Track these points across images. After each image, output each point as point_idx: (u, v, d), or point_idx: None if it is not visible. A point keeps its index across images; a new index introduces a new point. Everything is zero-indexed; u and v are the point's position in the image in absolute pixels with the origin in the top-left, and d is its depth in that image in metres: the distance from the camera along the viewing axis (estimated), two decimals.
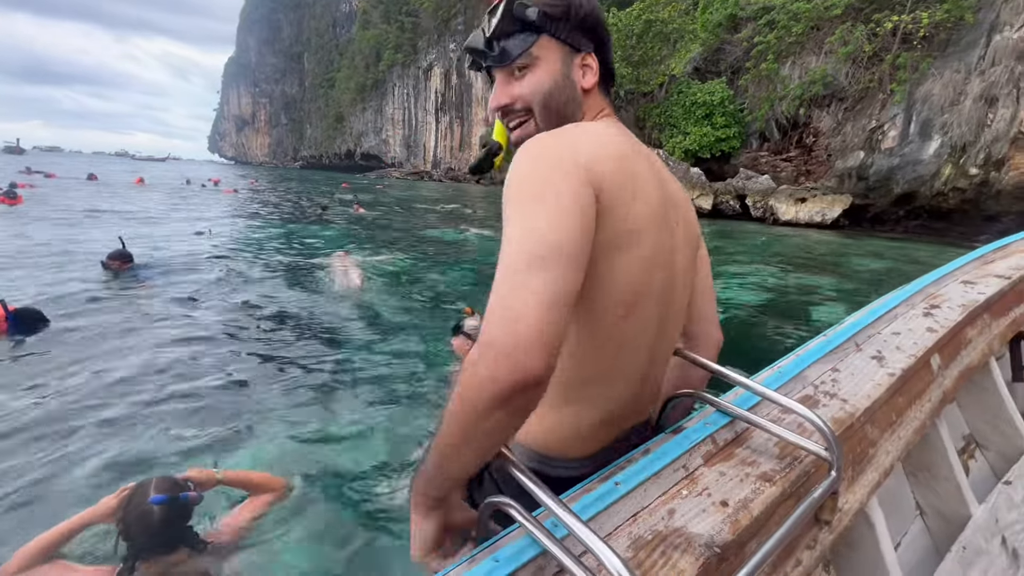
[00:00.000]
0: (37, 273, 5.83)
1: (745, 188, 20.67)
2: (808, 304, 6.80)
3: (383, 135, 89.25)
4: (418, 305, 5.81)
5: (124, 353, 3.81)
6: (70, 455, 2.58)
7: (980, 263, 1.77)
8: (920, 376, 1.09)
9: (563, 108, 0.78)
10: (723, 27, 23.69)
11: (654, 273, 0.72)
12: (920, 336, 1.18)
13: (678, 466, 0.74)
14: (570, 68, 0.78)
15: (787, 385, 0.97)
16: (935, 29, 16.96)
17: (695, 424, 0.84)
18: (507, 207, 0.62)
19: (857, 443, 0.89)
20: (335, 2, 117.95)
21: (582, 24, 0.77)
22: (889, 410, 0.98)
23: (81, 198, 15.78)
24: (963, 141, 15.94)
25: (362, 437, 2.89)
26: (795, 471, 0.73)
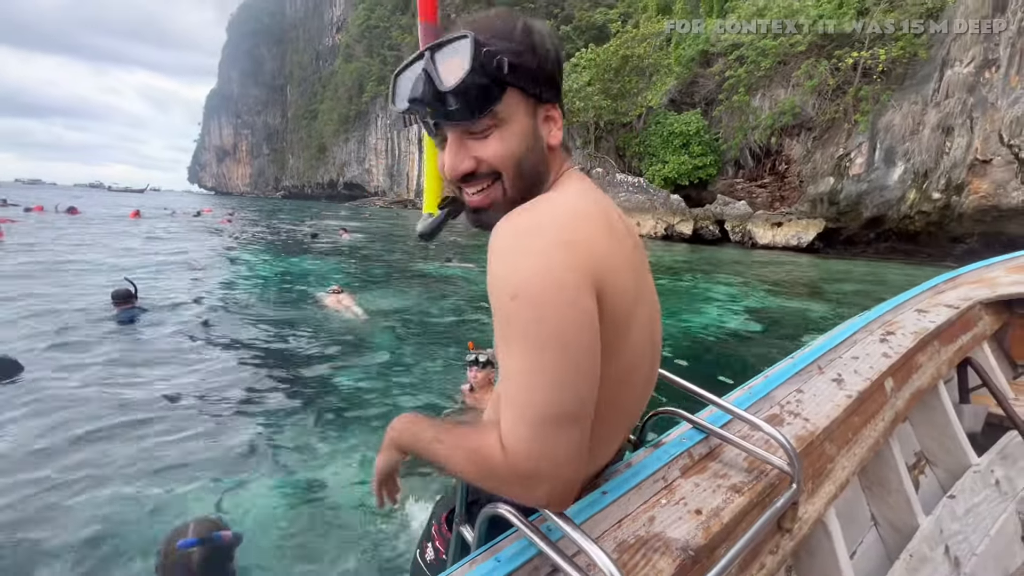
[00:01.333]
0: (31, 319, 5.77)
1: (723, 214, 21.35)
2: (786, 324, 7.06)
3: (366, 165, 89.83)
4: (409, 335, 5.89)
5: (118, 391, 3.79)
6: (72, 495, 2.56)
7: (932, 293, 1.89)
8: (875, 398, 1.18)
9: (534, 170, 0.68)
10: (696, 62, 24.85)
11: (644, 337, 0.71)
12: (876, 361, 1.28)
13: (658, 477, 0.81)
14: (536, 123, 0.68)
15: (756, 404, 1.05)
16: (892, 64, 18.08)
17: (673, 439, 0.92)
18: (509, 322, 0.57)
19: (817, 458, 0.97)
20: (318, 36, 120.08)
21: (549, 73, 0.67)
22: (846, 429, 1.06)
23: (69, 235, 15.51)
24: (924, 168, 16.83)
25: (362, 466, 2.95)
26: (761, 483, 0.80)
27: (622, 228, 0.69)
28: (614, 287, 0.61)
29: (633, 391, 0.73)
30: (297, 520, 2.49)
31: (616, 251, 0.63)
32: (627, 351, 0.67)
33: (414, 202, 74.13)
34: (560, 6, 63.13)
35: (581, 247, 0.58)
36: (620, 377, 0.67)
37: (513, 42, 0.63)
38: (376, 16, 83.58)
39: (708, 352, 5.54)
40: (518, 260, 0.57)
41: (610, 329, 0.61)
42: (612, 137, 26.09)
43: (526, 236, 0.59)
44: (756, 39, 20.95)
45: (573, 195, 0.67)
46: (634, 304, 0.66)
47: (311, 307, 7.07)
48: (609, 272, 0.60)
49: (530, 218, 0.60)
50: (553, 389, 0.55)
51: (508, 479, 0.57)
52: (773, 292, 9.65)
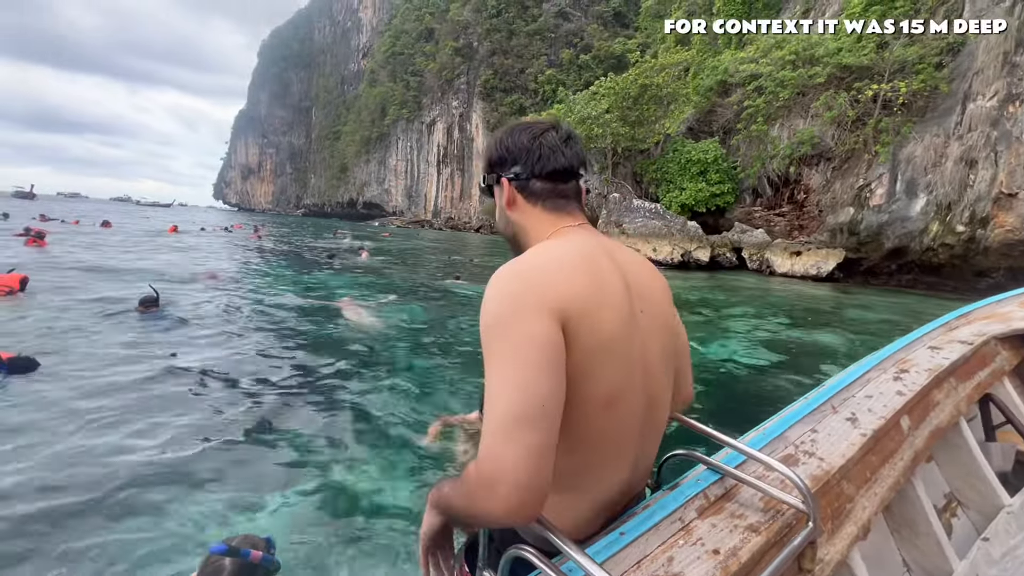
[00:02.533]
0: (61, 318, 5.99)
1: (741, 241, 21.24)
2: (807, 355, 6.97)
3: (385, 185, 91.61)
4: (419, 350, 5.95)
5: (132, 395, 3.91)
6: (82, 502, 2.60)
7: (945, 330, 1.87)
8: (891, 436, 1.17)
9: (508, 235, 0.94)
10: (714, 91, 25.13)
11: (629, 369, 0.77)
12: (890, 399, 1.26)
13: (675, 518, 0.82)
14: (501, 198, 0.92)
15: (771, 444, 1.06)
16: (913, 97, 18.07)
17: (689, 481, 0.93)
18: (485, 348, 0.70)
19: (835, 498, 0.96)
20: (344, 61, 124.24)
21: (495, 161, 0.93)
22: (863, 468, 1.06)
23: (106, 247, 16.04)
24: (948, 200, 16.63)
25: (382, 477, 2.98)
26: (778, 522, 0.80)
27: (608, 273, 0.80)
28: (581, 319, 0.72)
29: (621, 420, 0.78)
30: (313, 541, 2.49)
31: (591, 291, 0.75)
32: (605, 377, 0.74)
33: (431, 222, 75.13)
34: (580, 36, 64.67)
35: (543, 284, 0.72)
36: (602, 402, 0.74)
37: (484, 160, 0.96)
38: (401, 43, 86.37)
39: (725, 385, 5.49)
40: (492, 299, 0.73)
41: (579, 354, 0.71)
42: (629, 163, 26.33)
43: (501, 279, 0.75)
44: (775, 70, 21.15)
45: (551, 245, 0.83)
46: (612, 336, 0.75)
47: (326, 317, 7.24)
48: (575, 305, 0.72)
49: (506, 267, 0.77)
50: (512, 394, 0.65)
51: (476, 486, 0.65)
52: (793, 322, 9.54)
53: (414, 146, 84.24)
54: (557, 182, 0.90)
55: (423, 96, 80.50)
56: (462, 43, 71.72)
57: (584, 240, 0.85)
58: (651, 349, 0.83)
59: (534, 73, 62.58)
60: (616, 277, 0.80)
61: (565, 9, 67.17)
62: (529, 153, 0.89)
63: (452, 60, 71.95)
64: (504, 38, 66.72)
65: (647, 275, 0.90)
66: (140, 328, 5.64)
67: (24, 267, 7.93)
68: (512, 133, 0.92)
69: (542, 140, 0.89)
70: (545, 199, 0.89)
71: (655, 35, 44.59)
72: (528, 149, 0.89)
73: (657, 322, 0.86)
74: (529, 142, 0.89)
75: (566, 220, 0.89)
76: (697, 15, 34.33)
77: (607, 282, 0.78)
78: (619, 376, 0.76)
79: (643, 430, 0.83)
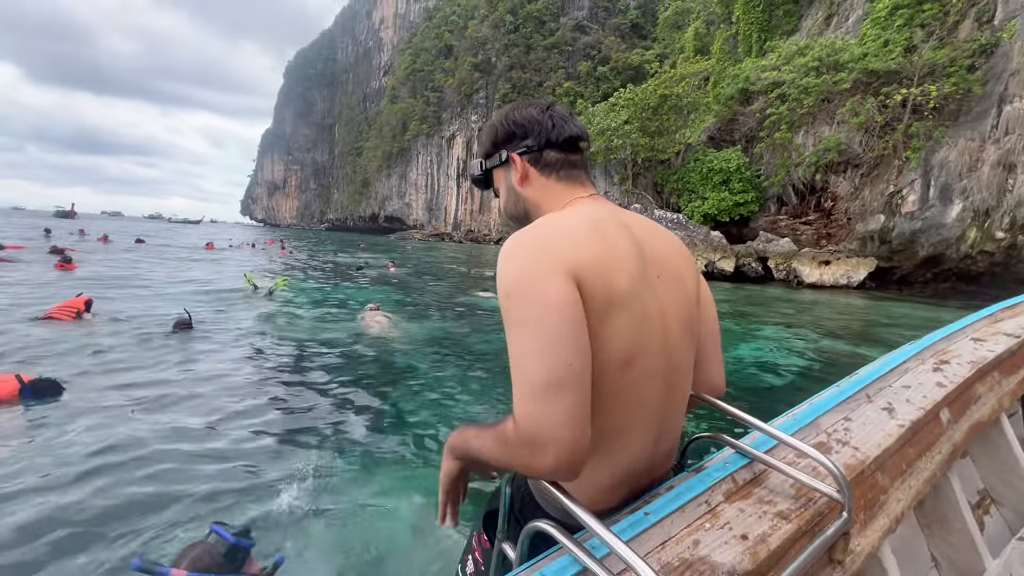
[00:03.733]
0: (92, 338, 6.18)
1: (766, 250, 20.82)
2: (841, 370, 6.72)
3: (406, 199, 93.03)
4: (444, 360, 5.94)
5: (162, 411, 3.96)
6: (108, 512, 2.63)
7: (989, 321, 1.79)
8: (930, 428, 1.12)
9: (519, 213, 0.93)
10: (735, 100, 24.88)
11: (647, 330, 0.77)
12: (930, 390, 1.21)
13: (701, 501, 0.79)
14: (509, 178, 0.93)
15: (802, 431, 1.02)
16: (944, 100, 17.57)
17: (716, 464, 0.90)
18: (505, 315, 0.71)
19: (868, 489, 0.92)
20: (366, 79, 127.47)
21: (500, 144, 0.93)
22: (899, 459, 1.01)
23: (158, 264, 16.59)
24: (985, 206, 16.04)
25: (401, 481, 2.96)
26: (809, 511, 0.77)
27: (619, 238, 0.80)
28: (595, 278, 0.72)
29: (640, 382, 0.78)
30: (338, 540, 2.53)
31: (602, 253, 0.76)
32: (620, 336, 0.74)
33: (451, 235, 75.85)
34: (597, 48, 65.05)
35: (554, 247, 0.73)
36: (619, 362, 0.75)
37: (484, 145, 0.97)
38: (421, 61, 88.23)
39: (754, 397, 5.34)
40: (506, 267, 0.73)
41: (594, 314, 0.72)
42: (650, 174, 26.18)
43: (512, 247, 0.75)
44: (798, 77, 20.84)
45: (562, 213, 0.84)
46: (626, 296, 0.75)
47: (354, 328, 7.36)
48: (588, 266, 0.73)
49: (519, 234, 0.78)
50: (539, 359, 0.66)
51: (519, 447, 0.67)
52: (826, 335, 9.25)
53: (434, 160, 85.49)
54: (569, 152, 0.91)
55: (443, 111, 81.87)
56: (480, 58, 72.88)
57: (595, 208, 0.85)
58: (669, 314, 0.82)
59: (552, 86, 63.05)
60: (628, 242, 0.81)
61: (582, 22, 67.76)
62: (540, 124, 0.90)
63: (471, 75, 73.12)
64: (522, 52, 67.54)
65: (664, 242, 0.89)
66: (172, 350, 5.75)
67: (60, 284, 8.21)
68: (517, 109, 0.93)
69: (551, 112, 0.91)
70: (559, 169, 0.90)
71: (673, 45, 44.55)
72: (539, 120, 0.90)
73: (675, 287, 0.85)
74: (539, 114, 0.90)
75: (579, 191, 0.90)
76: (716, 24, 34.25)
77: (618, 246, 0.79)
78: (635, 337, 0.76)
79: (664, 398, 0.82)
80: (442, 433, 3.81)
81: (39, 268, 12.47)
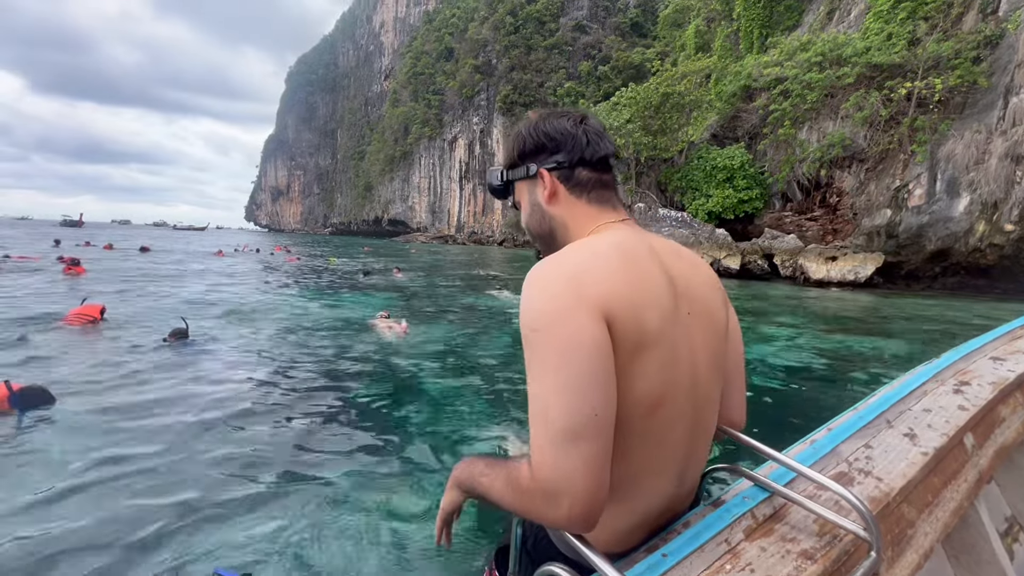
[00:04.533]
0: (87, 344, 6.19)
1: (772, 247, 20.69)
2: (855, 369, 6.66)
3: (409, 202, 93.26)
4: (451, 368, 5.92)
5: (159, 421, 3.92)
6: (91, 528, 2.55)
7: (1008, 339, 1.76)
8: (954, 455, 1.08)
9: (543, 232, 0.87)
10: (737, 97, 24.79)
11: (676, 371, 0.73)
12: (952, 414, 1.17)
13: (720, 540, 0.75)
14: (535, 193, 0.87)
15: (822, 461, 0.98)
16: (950, 93, 17.41)
17: (734, 498, 0.86)
18: (529, 353, 0.67)
19: (895, 523, 0.88)
20: (367, 84, 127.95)
21: (528, 155, 0.87)
22: (925, 490, 0.97)
23: (176, 273, 16.67)
24: (993, 198, 15.87)
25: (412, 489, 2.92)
26: (835, 550, 0.73)
27: (650, 272, 0.75)
28: (625, 317, 0.68)
29: (666, 425, 0.74)
30: (343, 559, 2.45)
31: (633, 288, 0.70)
32: (649, 379, 0.70)
33: (455, 237, 75.93)
34: (598, 48, 65.01)
35: (587, 282, 0.68)
36: (646, 406, 0.71)
37: (508, 154, 0.90)
38: (422, 64, 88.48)
39: (766, 400, 5.27)
40: (534, 298, 0.69)
41: (623, 354, 0.67)
42: (653, 172, 26.11)
43: (541, 277, 0.70)
44: (801, 72, 20.72)
45: (593, 240, 0.78)
46: (657, 336, 0.70)
47: (361, 337, 7.33)
48: (619, 303, 0.68)
49: (547, 263, 0.72)
50: (563, 404, 0.62)
51: (534, 495, 0.64)
52: (837, 332, 9.17)
53: (436, 163, 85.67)
54: (602, 171, 0.85)
55: (444, 114, 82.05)
56: (481, 60, 73.01)
57: (626, 236, 0.79)
58: (699, 352, 0.78)
59: (553, 86, 63.07)
60: (659, 275, 0.75)
61: (582, 22, 67.74)
62: (575, 139, 0.83)
63: (472, 77, 73.23)
64: (522, 53, 67.59)
65: (695, 274, 0.84)
66: (170, 360, 5.69)
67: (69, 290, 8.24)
68: (548, 119, 0.86)
69: (585, 125, 0.84)
70: (590, 190, 0.84)
71: (674, 43, 44.45)
72: (573, 135, 0.83)
73: (705, 324, 0.81)
74: (573, 127, 0.84)
75: (610, 215, 0.84)
76: (717, 21, 34.14)
77: (649, 280, 0.74)
78: (664, 379, 0.72)
79: (690, 438, 0.78)
80: (450, 448, 3.74)
81: (49, 275, 12.56)
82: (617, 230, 0.81)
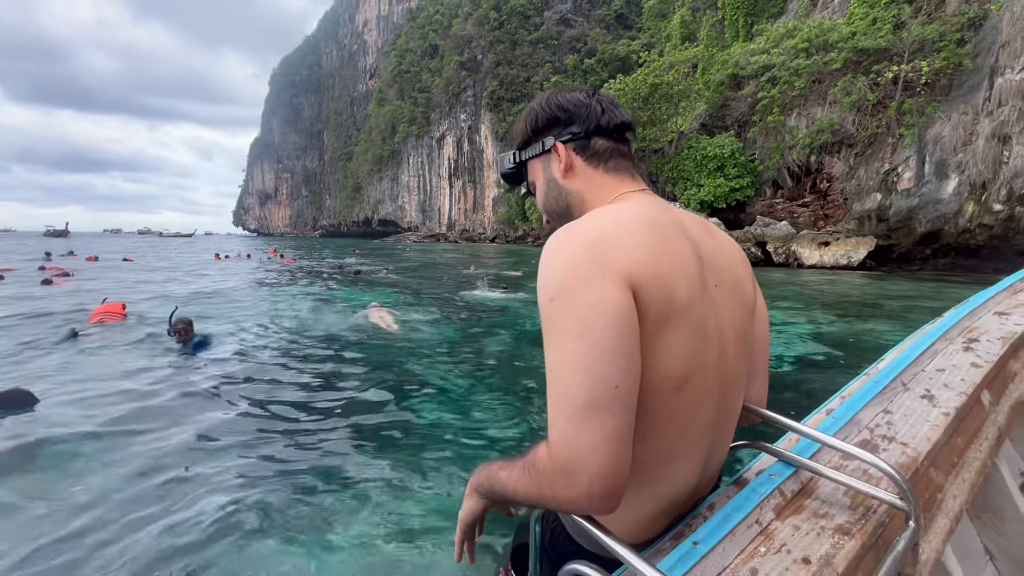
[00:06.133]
0: None
1: (765, 235, 20.80)
2: (859, 347, 6.68)
3: (399, 201, 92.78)
4: (448, 360, 5.86)
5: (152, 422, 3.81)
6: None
7: (1009, 292, 1.77)
8: (974, 414, 1.06)
9: (560, 208, 0.84)
10: (726, 85, 24.82)
11: (704, 345, 0.69)
12: (966, 372, 1.15)
13: (751, 521, 0.72)
14: (550, 169, 0.84)
15: (843, 430, 0.94)
16: (936, 75, 17.55)
17: (758, 476, 0.83)
18: (546, 322, 0.63)
19: (924, 488, 0.85)
20: (352, 83, 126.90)
21: (541, 131, 0.84)
22: (950, 452, 0.94)
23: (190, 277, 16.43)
24: (982, 179, 16.04)
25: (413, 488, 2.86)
26: (871, 522, 0.70)
27: (677, 240, 0.71)
28: (651, 285, 0.64)
29: (694, 404, 0.70)
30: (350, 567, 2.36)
31: (661, 255, 0.67)
32: (677, 354, 0.66)
33: (446, 235, 75.63)
34: (583, 41, 64.84)
35: (609, 248, 0.64)
36: (674, 382, 0.67)
37: (518, 134, 0.88)
38: (407, 62, 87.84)
39: (776, 384, 5.27)
40: (553, 265, 0.65)
41: (650, 327, 0.64)
42: (644, 164, 26.11)
43: (560, 245, 0.67)
44: (788, 59, 20.78)
45: (613, 209, 0.75)
46: (685, 307, 0.67)
47: (354, 329, 7.35)
48: (645, 270, 0.64)
49: (566, 230, 0.69)
50: (582, 376, 0.59)
51: (551, 474, 0.60)
52: (837, 313, 9.21)
53: (425, 161, 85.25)
54: (619, 140, 0.83)
55: (431, 111, 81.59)
56: (467, 57, 72.61)
57: (649, 204, 0.76)
58: (726, 326, 0.75)
59: (540, 81, 62.85)
60: (686, 244, 0.72)
61: (566, 16, 67.54)
62: (588, 108, 0.81)
63: (458, 74, 72.84)
64: (508, 48, 67.30)
65: (722, 245, 0.82)
66: (168, 357, 5.62)
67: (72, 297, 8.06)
68: (559, 93, 0.84)
69: (599, 96, 0.83)
70: (608, 159, 0.81)
71: (659, 35, 44.42)
72: (587, 105, 0.81)
73: (733, 297, 0.78)
74: (587, 98, 0.82)
75: (628, 184, 0.81)
76: (702, 10, 34.15)
77: (677, 248, 0.70)
78: (692, 354, 0.68)
79: (716, 419, 0.75)
80: (450, 444, 3.66)
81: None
82: (639, 198, 0.78)
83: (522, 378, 5.31)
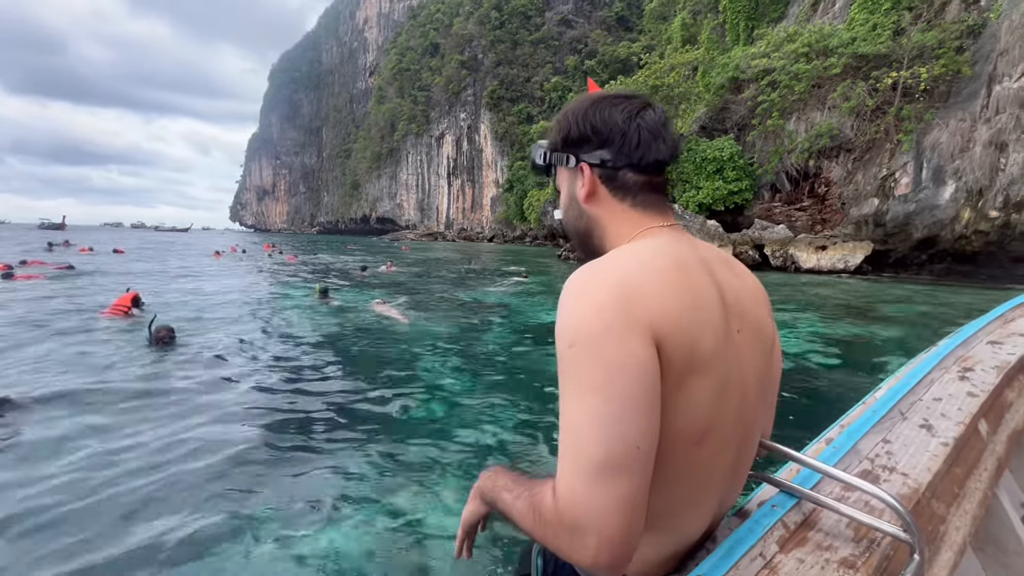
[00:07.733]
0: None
1: (762, 238, 20.87)
2: (856, 353, 6.70)
3: (397, 199, 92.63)
4: (453, 350, 5.85)
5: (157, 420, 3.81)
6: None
7: (1002, 322, 1.78)
8: (972, 444, 1.06)
9: (579, 229, 0.79)
10: (726, 88, 24.87)
11: (725, 399, 0.67)
12: (963, 401, 1.16)
13: (755, 555, 0.71)
14: (574, 186, 0.78)
15: (843, 460, 0.95)
16: (934, 82, 17.64)
17: (760, 507, 0.82)
18: (565, 370, 0.60)
19: (927, 521, 0.84)
20: (352, 80, 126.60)
21: (571, 145, 0.76)
22: (951, 483, 0.94)
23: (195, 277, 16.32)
24: (979, 185, 16.13)
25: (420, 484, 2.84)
26: (875, 555, 0.70)
27: (703, 285, 0.67)
28: (675, 338, 0.61)
29: (713, 456, 0.68)
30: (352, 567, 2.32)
31: (686, 306, 0.63)
32: (694, 409, 0.63)
33: (444, 234, 75.57)
34: (584, 42, 64.93)
35: (635, 295, 0.60)
36: (694, 436, 0.64)
37: (552, 135, 0.80)
38: (407, 60, 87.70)
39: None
40: (574, 310, 0.61)
41: (672, 380, 0.61)
42: None
43: (584, 286, 0.63)
44: (789, 63, 20.85)
45: (640, 248, 0.70)
46: (708, 360, 0.63)
47: (358, 319, 7.33)
48: (670, 322, 0.60)
49: (590, 269, 0.65)
50: (601, 434, 0.55)
51: (556, 528, 0.57)
52: (833, 318, 9.24)
53: (424, 160, 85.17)
54: (652, 175, 0.74)
55: (431, 110, 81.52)
56: (467, 56, 72.60)
57: (675, 243, 0.71)
58: (748, 375, 0.71)
59: (540, 81, 62.93)
60: (712, 290, 0.68)
61: (568, 17, 67.62)
62: (624, 137, 0.72)
63: (458, 73, 72.81)
64: (508, 48, 67.31)
65: (747, 286, 0.77)
66: (159, 361, 5.50)
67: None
68: (599, 106, 0.74)
69: (640, 121, 0.72)
70: (636, 194, 0.74)
71: (660, 37, 44.52)
72: (623, 131, 0.72)
73: (755, 344, 0.74)
74: (624, 122, 0.72)
75: (655, 220, 0.75)
76: (703, 13, 34.23)
77: (703, 296, 0.66)
78: (713, 408, 0.65)
79: (734, 467, 0.73)
80: (452, 442, 3.65)
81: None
82: (662, 236, 0.73)
83: (527, 376, 5.30)
